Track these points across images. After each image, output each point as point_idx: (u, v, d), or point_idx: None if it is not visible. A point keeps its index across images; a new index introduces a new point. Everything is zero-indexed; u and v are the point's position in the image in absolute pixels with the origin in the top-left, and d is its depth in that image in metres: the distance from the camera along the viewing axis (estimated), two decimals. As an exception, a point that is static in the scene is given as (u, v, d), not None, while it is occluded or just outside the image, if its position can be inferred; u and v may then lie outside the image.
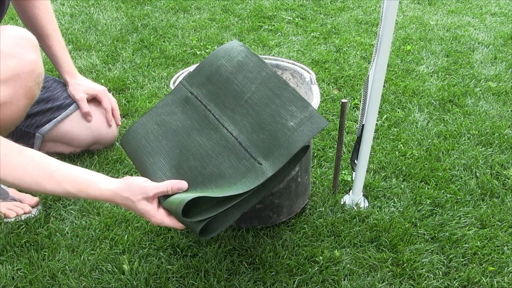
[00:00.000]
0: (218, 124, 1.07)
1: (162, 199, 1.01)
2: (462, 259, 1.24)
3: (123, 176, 1.48)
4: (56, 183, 0.99)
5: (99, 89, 1.58)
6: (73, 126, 1.51)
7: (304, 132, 1.00)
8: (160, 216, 1.00)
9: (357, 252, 1.26)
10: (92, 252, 1.25)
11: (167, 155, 1.07)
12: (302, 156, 1.06)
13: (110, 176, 1.48)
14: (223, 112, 1.08)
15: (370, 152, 1.38)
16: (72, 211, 1.37)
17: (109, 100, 1.59)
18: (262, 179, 0.99)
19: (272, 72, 1.07)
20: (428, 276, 1.20)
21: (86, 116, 1.52)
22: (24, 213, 1.34)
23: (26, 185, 0.99)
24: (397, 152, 1.61)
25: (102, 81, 1.96)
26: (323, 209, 1.38)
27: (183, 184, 1.02)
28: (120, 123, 1.63)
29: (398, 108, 1.86)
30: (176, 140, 1.08)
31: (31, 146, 1.50)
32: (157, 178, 1.04)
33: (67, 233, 1.31)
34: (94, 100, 1.58)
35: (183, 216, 0.96)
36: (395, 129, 1.73)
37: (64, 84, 1.57)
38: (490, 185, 1.48)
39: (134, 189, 0.99)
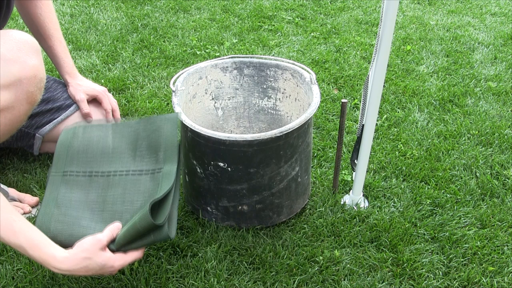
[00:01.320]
0: (108, 176, 1.18)
1: (111, 245, 1.06)
2: (462, 259, 1.24)
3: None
4: (12, 233, 0.98)
5: (100, 90, 1.58)
6: None
7: (169, 124, 1.19)
8: (120, 258, 1.03)
9: (357, 252, 1.26)
10: (92, 252, 1.25)
11: (87, 216, 1.13)
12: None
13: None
14: (101, 165, 1.19)
15: (370, 152, 1.38)
16: (72, 211, 1.37)
17: (110, 101, 1.59)
18: (173, 175, 1.13)
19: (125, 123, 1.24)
20: (428, 276, 1.20)
21: (86, 117, 1.52)
22: (24, 213, 1.34)
23: None
24: (397, 152, 1.61)
25: (102, 81, 1.96)
26: (323, 209, 1.38)
27: (118, 224, 1.07)
28: None
29: (398, 108, 1.86)
30: (82, 206, 1.14)
31: (31, 146, 1.51)
32: (91, 233, 1.08)
33: (67, 233, 1.30)
34: (94, 100, 1.58)
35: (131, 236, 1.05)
36: (395, 129, 1.73)
37: (65, 85, 1.57)
38: (490, 185, 1.48)
39: (87, 246, 1.00)
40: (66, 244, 1.06)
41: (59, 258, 0.99)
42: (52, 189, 1.17)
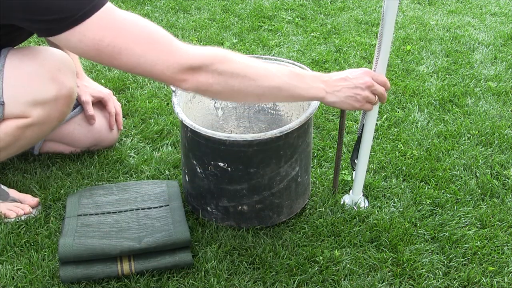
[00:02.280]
0: (120, 212, 1.30)
1: (135, 243, 1.19)
2: (462, 259, 1.24)
3: (123, 175, 1.49)
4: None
5: (105, 93, 1.58)
6: (75, 128, 1.51)
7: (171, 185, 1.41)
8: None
9: (357, 252, 1.26)
10: (92, 252, 1.25)
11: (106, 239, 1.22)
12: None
13: (110, 176, 1.48)
14: (110, 209, 1.31)
15: (370, 152, 1.38)
16: (72, 211, 1.37)
17: (114, 104, 1.59)
18: (182, 208, 1.32)
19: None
20: (428, 276, 1.20)
21: (89, 119, 1.52)
22: (24, 214, 1.34)
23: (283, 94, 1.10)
24: (397, 152, 1.61)
25: (102, 81, 1.96)
26: (323, 209, 1.38)
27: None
28: (122, 128, 1.62)
29: (398, 108, 1.86)
30: (98, 235, 1.23)
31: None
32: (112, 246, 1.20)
33: (67, 233, 1.30)
34: (98, 103, 1.57)
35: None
36: (395, 129, 1.73)
37: None
38: (490, 185, 1.48)
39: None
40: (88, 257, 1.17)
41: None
42: (69, 222, 1.26)
